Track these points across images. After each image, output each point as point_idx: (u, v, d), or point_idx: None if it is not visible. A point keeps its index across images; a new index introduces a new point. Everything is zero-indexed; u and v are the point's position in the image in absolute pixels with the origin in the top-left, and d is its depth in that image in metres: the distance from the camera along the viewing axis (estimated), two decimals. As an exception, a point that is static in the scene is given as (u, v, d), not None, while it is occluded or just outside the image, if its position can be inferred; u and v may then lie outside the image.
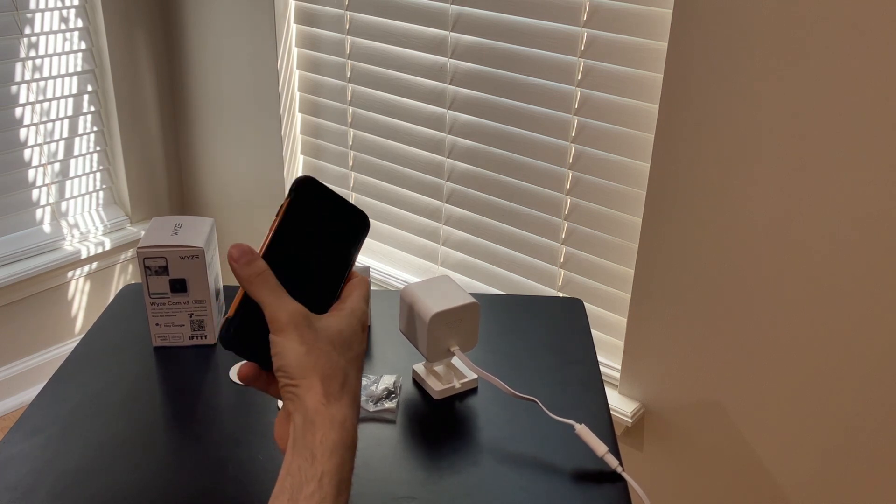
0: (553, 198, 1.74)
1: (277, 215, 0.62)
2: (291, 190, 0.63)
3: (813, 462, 1.50)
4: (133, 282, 2.49)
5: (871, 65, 1.23)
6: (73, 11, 2.18)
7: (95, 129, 2.33)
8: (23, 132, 2.18)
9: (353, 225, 0.64)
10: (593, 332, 1.78)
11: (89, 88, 2.28)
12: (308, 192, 0.63)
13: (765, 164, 1.38)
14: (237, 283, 0.62)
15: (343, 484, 0.55)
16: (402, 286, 1.94)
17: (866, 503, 1.47)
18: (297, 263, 0.62)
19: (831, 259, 1.36)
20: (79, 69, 2.24)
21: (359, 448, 0.75)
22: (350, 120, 2.06)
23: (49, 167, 2.26)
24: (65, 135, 2.27)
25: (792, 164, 1.35)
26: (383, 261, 2.14)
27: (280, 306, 0.58)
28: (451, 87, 1.82)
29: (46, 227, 2.30)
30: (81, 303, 2.40)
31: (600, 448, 0.82)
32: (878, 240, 1.31)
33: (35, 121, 2.19)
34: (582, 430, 0.83)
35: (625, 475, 0.82)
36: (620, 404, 1.70)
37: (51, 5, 2.13)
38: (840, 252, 1.35)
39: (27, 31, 2.10)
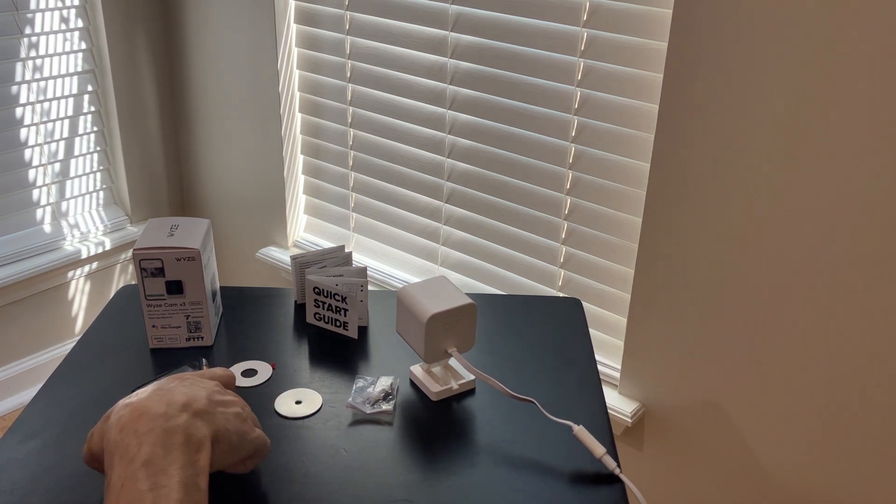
0: (553, 198, 1.74)
1: None
2: None
3: (813, 462, 1.50)
4: (132, 282, 2.49)
5: (871, 65, 1.22)
6: (73, 11, 2.18)
7: (95, 129, 2.33)
8: (23, 132, 2.18)
9: None
10: (593, 331, 1.78)
11: (89, 88, 2.28)
12: None
13: (764, 164, 1.38)
14: (234, 284, 0.62)
15: None
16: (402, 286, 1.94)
17: (866, 503, 1.46)
18: None
19: (831, 259, 1.36)
20: (79, 69, 2.24)
21: (356, 450, 0.75)
22: (350, 120, 2.05)
23: (49, 167, 2.26)
24: (65, 135, 2.26)
25: (792, 163, 1.35)
26: (383, 261, 2.14)
27: None
28: (451, 87, 1.81)
29: (46, 227, 2.30)
30: (81, 303, 2.40)
31: (598, 449, 0.82)
32: (878, 240, 1.30)
33: (35, 121, 2.19)
34: (580, 431, 0.83)
35: (623, 477, 0.81)
36: (620, 404, 1.69)
37: (51, 5, 2.13)
38: (840, 252, 1.34)
39: (27, 31, 2.10)
